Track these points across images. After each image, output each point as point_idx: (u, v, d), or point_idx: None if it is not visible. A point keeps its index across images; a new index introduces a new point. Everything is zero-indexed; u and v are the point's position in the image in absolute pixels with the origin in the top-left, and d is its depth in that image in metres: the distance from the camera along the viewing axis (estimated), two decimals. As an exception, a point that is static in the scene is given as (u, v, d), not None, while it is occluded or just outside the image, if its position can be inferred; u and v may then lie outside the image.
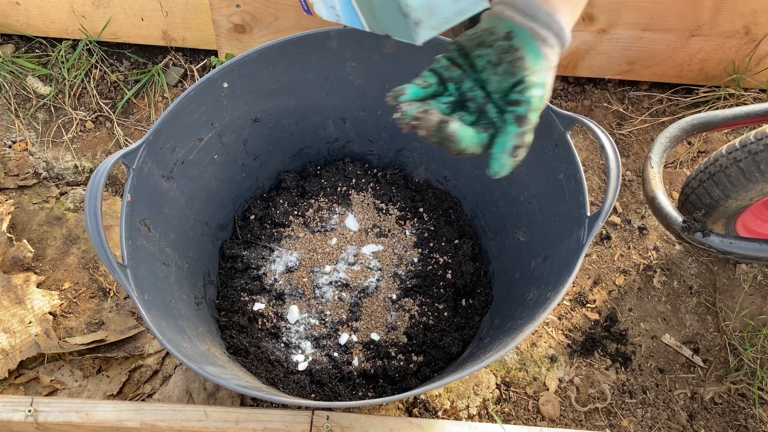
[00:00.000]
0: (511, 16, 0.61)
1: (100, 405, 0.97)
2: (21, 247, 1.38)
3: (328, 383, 1.09)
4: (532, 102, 0.60)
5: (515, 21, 0.60)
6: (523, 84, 0.60)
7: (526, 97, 0.60)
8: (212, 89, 1.05)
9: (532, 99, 0.60)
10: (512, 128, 0.61)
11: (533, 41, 0.60)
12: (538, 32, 0.60)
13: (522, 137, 0.62)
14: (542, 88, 0.61)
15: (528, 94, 0.60)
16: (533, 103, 0.60)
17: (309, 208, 1.31)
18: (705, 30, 1.54)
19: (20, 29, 1.68)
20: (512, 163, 0.63)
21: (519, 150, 0.62)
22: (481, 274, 1.23)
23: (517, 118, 0.61)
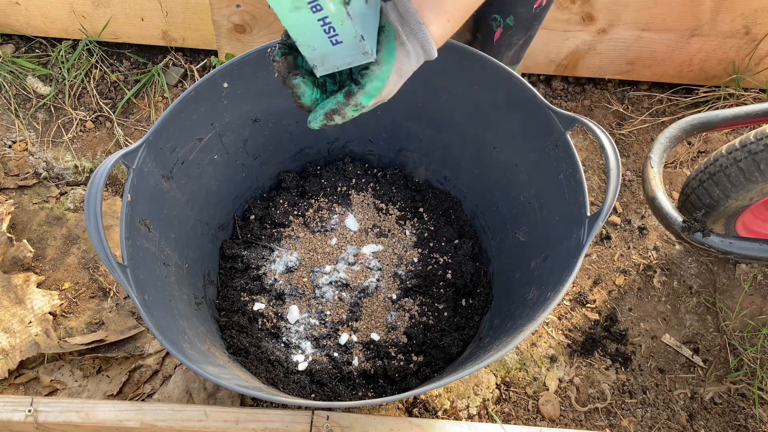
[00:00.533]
0: (389, 14, 0.69)
1: (100, 405, 0.97)
2: (21, 247, 1.38)
3: (328, 383, 1.09)
4: (365, 86, 0.70)
5: (390, 20, 0.69)
6: (367, 70, 0.70)
7: (363, 81, 0.70)
8: (212, 89, 1.05)
9: (366, 84, 0.70)
10: (339, 96, 0.71)
11: (393, 41, 0.69)
12: (401, 36, 0.69)
13: (342, 107, 0.71)
14: (381, 81, 0.70)
15: (365, 79, 0.70)
16: (365, 88, 0.70)
17: (309, 208, 1.31)
18: (705, 30, 1.54)
19: (20, 29, 1.68)
20: (323, 121, 0.73)
21: (334, 115, 0.72)
22: (481, 274, 1.23)
23: (348, 92, 0.71)
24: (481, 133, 1.17)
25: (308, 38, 0.66)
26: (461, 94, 1.12)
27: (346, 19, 0.63)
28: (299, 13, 0.62)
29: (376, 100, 0.72)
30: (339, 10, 0.61)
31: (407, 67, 0.71)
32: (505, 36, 1.07)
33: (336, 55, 0.68)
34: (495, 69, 1.02)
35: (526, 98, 1.02)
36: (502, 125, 1.11)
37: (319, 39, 0.66)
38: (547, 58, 1.63)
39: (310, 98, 0.73)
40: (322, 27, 0.64)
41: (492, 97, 1.08)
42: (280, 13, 0.63)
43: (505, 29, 1.06)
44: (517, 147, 1.11)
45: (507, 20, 1.04)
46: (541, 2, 1.03)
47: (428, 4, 0.69)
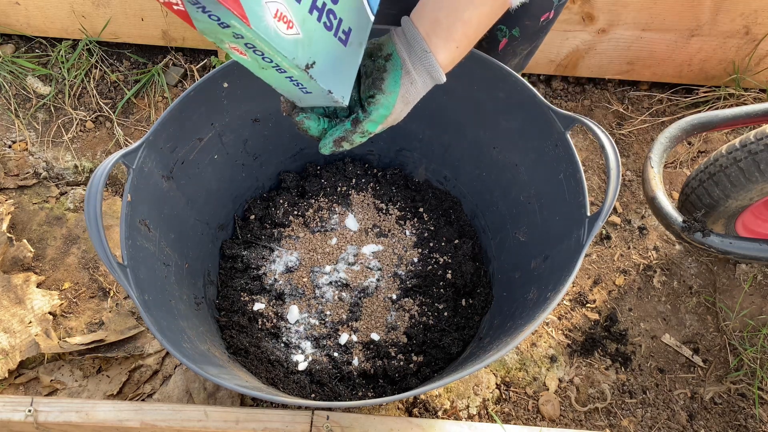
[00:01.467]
0: (396, 42, 0.71)
1: (100, 405, 0.97)
2: (21, 247, 1.38)
3: (328, 383, 1.09)
4: (371, 114, 0.71)
5: (396, 48, 0.71)
6: (373, 99, 0.71)
7: (369, 109, 0.71)
8: (212, 89, 1.05)
9: (372, 113, 0.71)
10: (347, 124, 0.74)
11: (399, 70, 0.70)
12: (407, 65, 0.70)
13: (349, 134, 0.73)
14: (386, 109, 0.71)
15: (371, 108, 0.71)
16: (371, 115, 0.71)
17: (309, 208, 1.32)
18: (705, 30, 1.54)
19: (20, 29, 1.68)
20: (332, 148, 0.75)
21: (342, 142, 0.74)
22: (481, 274, 1.23)
23: (354, 120, 0.73)
24: (481, 133, 1.17)
25: (281, 88, 0.70)
26: (461, 93, 1.12)
27: (310, 80, 0.65)
28: (267, 71, 0.65)
29: (382, 126, 0.73)
30: (301, 73, 0.64)
31: (413, 95, 0.73)
32: (510, 46, 1.07)
33: (310, 99, 0.71)
34: (495, 69, 1.02)
35: (526, 98, 1.02)
36: (502, 125, 1.11)
37: (291, 89, 0.69)
38: (547, 58, 1.63)
39: (317, 130, 0.76)
40: (290, 82, 0.67)
41: (492, 97, 1.08)
42: (250, 69, 0.67)
43: (510, 39, 1.05)
44: (517, 147, 1.11)
45: (513, 31, 1.03)
46: (548, 15, 1.03)
47: (436, 32, 0.70)
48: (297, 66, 0.63)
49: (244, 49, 0.62)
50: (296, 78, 0.66)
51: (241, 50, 0.62)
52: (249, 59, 0.64)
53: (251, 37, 0.58)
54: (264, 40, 0.59)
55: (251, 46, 0.60)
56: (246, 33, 0.58)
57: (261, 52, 0.61)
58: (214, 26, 0.58)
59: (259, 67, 0.65)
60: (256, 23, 0.57)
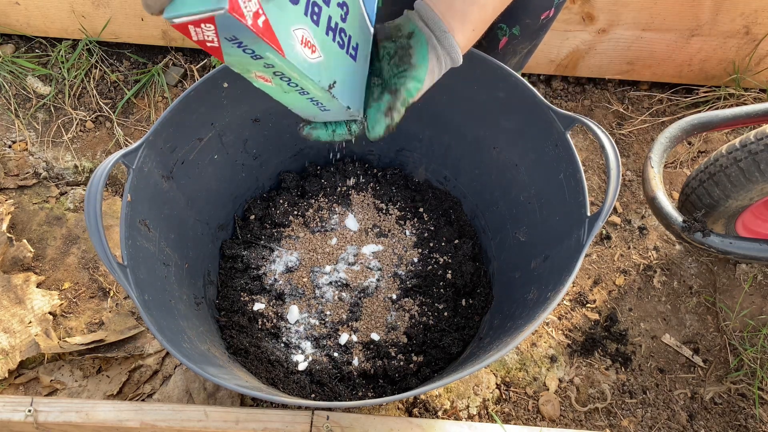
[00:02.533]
0: (418, 20, 0.72)
1: (100, 405, 0.97)
2: (21, 247, 1.38)
3: (328, 383, 1.09)
4: (405, 84, 0.71)
5: (419, 26, 0.72)
6: (405, 74, 0.71)
7: (402, 80, 0.72)
8: (212, 89, 1.05)
9: (407, 83, 0.71)
10: (387, 96, 0.73)
11: (426, 46, 0.71)
12: (433, 40, 0.71)
13: (394, 103, 0.73)
14: (418, 82, 0.71)
15: (404, 79, 0.71)
16: (406, 85, 0.71)
17: (309, 208, 1.31)
18: (705, 30, 1.54)
19: (20, 29, 1.68)
20: (385, 122, 0.74)
21: (392, 112, 0.73)
22: (481, 274, 1.23)
23: (392, 90, 0.73)
24: (481, 133, 1.17)
25: (299, 108, 0.73)
26: (461, 93, 1.12)
27: (331, 99, 0.68)
28: (289, 95, 0.68)
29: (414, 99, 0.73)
30: (324, 94, 0.67)
31: (437, 73, 0.73)
32: (510, 44, 1.07)
33: (326, 116, 0.74)
34: (495, 69, 1.02)
35: (526, 98, 1.02)
36: (502, 125, 1.11)
37: (309, 108, 0.72)
38: (547, 58, 1.63)
39: (328, 135, 0.79)
40: (310, 102, 0.70)
41: (492, 97, 1.08)
42: (271, 94, 0.69)
43: (510, 38, 1.05)
44: (517, 147, 1.11)
45: (513, 30, 1.03)
46: (548, 13, 1.03)
47: (452, 14, 0.71)
48: (322, 88, 0.65)
49: (270, 76, 0.63)
50: (317, 98, 0.68)
51: (267, 78, 0.64)
52: (273, 85, 0.66)
53: (282, 66, 0.60)
54: (295, 68, 0.61)
55: (279, 73, 0.62)
56: (278, 63, 0.59)
57: (288, 78, 0.63)
58: (245, 59, 0.59)
59: (281, 91, 0.67)
60: (289, 53, 0.59)
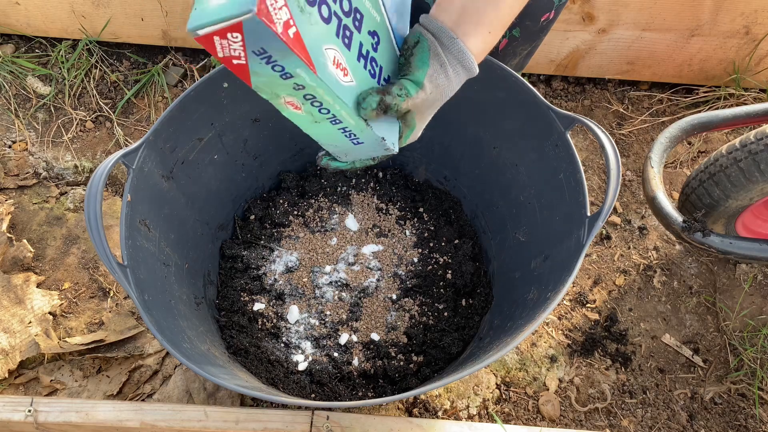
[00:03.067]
0: (422, 31, 0.69)
1: (100, 405, 0.97)
2: (21, 247, 1.38)
3: (328, 383, 1.09)
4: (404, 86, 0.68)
5: (423, 33, 0.69)
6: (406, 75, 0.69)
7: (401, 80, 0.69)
8: (212, 89, 1.05)
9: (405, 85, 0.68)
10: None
11: (427, 51, 0.68)
12: (436, 47, 0.68)
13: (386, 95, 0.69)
14: (416, 85, 0.68)
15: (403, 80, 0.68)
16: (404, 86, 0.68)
17: (309, 208, 1.31)
18: (705, 30, 1.54)
19: (20, 29, 1.68)
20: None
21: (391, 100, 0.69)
22: (481, 274, 1.23)
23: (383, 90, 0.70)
24: (481, 133, 1.17)
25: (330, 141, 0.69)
26: (462, 93, 1.11)
27: (366, 128, 0.64)
28: (320, 125, 0.64)
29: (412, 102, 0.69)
30: (358, 122, 0.63)
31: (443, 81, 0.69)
32: (510, 46, 1.07)
33: (358, 151, 0.70)
34: (495, 69, 1.02)
35: (526, 98, 1.02)
36: (502, 125, 1.11)
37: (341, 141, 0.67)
38: (547, 58, 1.63)
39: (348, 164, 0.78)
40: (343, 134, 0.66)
41: (492, 97, 1.08)
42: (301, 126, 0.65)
43: (510, 40, 1.05)
44: (517, 147, 1.11)
45: (513, 32, 1.03)
46: (548, 15, 1.03)
47: (465, 17, 0.67)
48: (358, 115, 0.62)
49: (300, 102, 0.60)
50: (350, 128, 0.65)
51: (297, 104, 0.61)
52: (303, 113, 0.62)
53: (314, 87, 0.57)
54: (327, 87, 0.57)
55: (310, 97, 0.59)
56: (309, 82, 0.56)
57: (320, 103, 0.60)
58: (274, 79, 0.56)
59: (312, 121, 0.64)
60: (321, 71, 0.56)
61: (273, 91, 0.59)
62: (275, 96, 0.60)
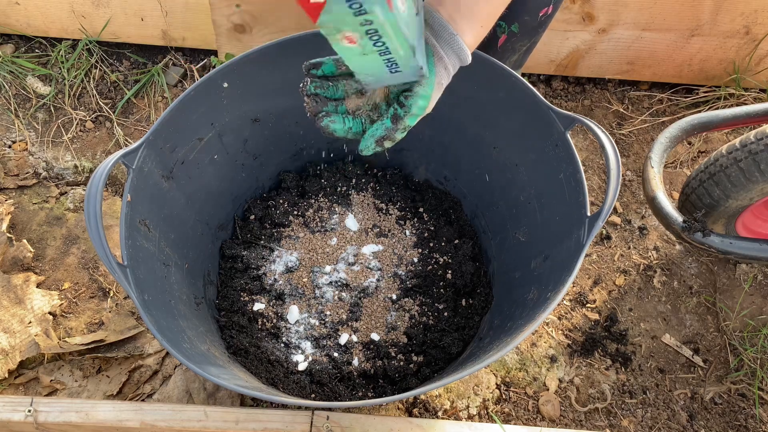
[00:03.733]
0: None
1: (100, 405, 0.97)
2: (21, 247, 1.38)
3: (328, 383, 1.09)
4: (411, 108, 0.71)
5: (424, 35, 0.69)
6: (411, 92, 0.70)
7: (409, 103, 0.71)
8: (212, 89, 1.05)
9: (413, 106, 0.71)
10: (387, 122, 0.73)
11: (431, 57, 0.69)
12: (438, 50, 0.70)
13: (391, 132, 0.73)
14: (425, 99, 0.71)
15: (410, 101, 0.70)
16: (412, 109, 0.71)
17: (309, 208, 1.31)
18: (705, 30, 1.54)
19: (20, 29, 1.68)
20: (375, 148, 0.74)
21: (385, 141, 0.73)
22: (481, 274, 1.23)
23: (394, 116, 0.72)
24: (481, 133, 1.17)
25: (369, 70, 0.68)
26: (462, 93, 1.12)
27: (411, 58, 0.64)
28: (368, 56, 0.64)
29: (421, 118, 0.73)
30: (407, 52, 0.63)
31: (445, 80, 0.72)
32: (509, 42, 1.07)
33: (393, 79, 0.69)
34: (495, 69, 1.02)
35: (527, 98, 1.02)
36: (502, 125, 1.11)
37: (380, 70, 0.67)
38: (547, 57, 1.63)
39: (344, 131, 0.76)
40: (386, 64, 0.65)
41: (492, 97, 1.08)
42: (345, 57, 0.64)
43: (509, 36, 1.06)
44: (517, 147, 1.11)
45: (512, 27, 1.04)
46: (546, 10, 1.03)
47: (460, 12, 0.70)
48: (411, 46, 0.62)
49: (360, 36, 0.59)
50: (397, 59, 0.64)
51: (355, 38, 0.60)
52: (356, 46, 0.61)
53: (384, 22, 0.57)
54: (396, 24, 0.57)
55: (373, 31, 0.58)
56: (381, 18, 0.56)
57: (379, 36, 0.59)
58: (346, 16, 0.55)
59: (360, 53, 0.63)
60: (395, 5, 0.56)
61: (338, 26, 0.58)
62: (337, 31, 0.59)
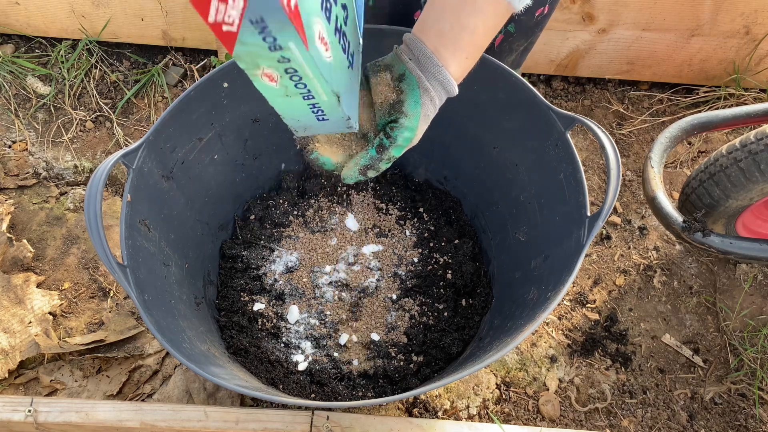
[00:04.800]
0: (407, 61, 0.70)
1: (100, 405, 0.97)
2: (21, 247, 1.38)
3: (328, 383, 1.09)
4: (396, 139, 0.70)
5: (408, 67, 0.69)
6: (396, 123, 0.70)
7: (394, 134, 0.70)
8: (212, 89, 1.05)
9: (398, 138, 0.70)
10: (372, 151, 0.72)
11: (417, 89, 0.69)
12: (424, 82, 0.69)
13: (376, 162, 0.72)
14: (411, 131, 0.70)
15: (396, 132, 0.70)
16: (397, 141, 0.70)
17: (309, 208, 1.31)
18: (705, 30, 1.54)
19: (20, 29, 1.68)
20: (358, 177, 0.74)
21: (369, 170, 0.73)
22: (481, 274, 1.23)
23: (379, 146, 0.72)
24: (481, 132, 1.17)
25: (295, 115, 0.66)
26: (462, 93, 1.11)
27: (336, 106, 0.63)
28: (291, 99, 0.61)
29: (407, 149, 0.72)
30: (331, 99, 0.61)
31: (431, 112, 0.72)
32: (506, 42, 1.07)
33: (320, 127, 0.68)
34: (495, 69, 1.02)
35: (526, 98, 1.02)
36: (502, 125, 1.11)
37: (306, 116, 0.66)
38: (547, 57, 1.63)
39: (333, 164, 0.76)
40: (311, 110, 0.64)
41: (492, 97, 1.08)
42: (268, 97, 0.62)
43: (506, 35, 1.05)
44: (517, 147, 1.11)
45: (508, 27, 1.03)
46: (542, 10, 1.03)
47: (444, 44, 0.68)
48: (332, 92, 0.60)
49: (280, 74, 0.57)
50: (321, 105, 0.63)
51: (275, 76, 0.57)
52: (277, 86, 0.59)
53: (301, 62, 0.54)
54: (314, 63, 0.55)
55: (292, 71, 0.56)
56: (298, 57, 0.53)
57: (299, 77, 0.57)
58: (260, 50, 0.53)
59: (283, 94, 0.61)
60: (312, 46, 0.53)
61: (254, 61, 0.55)
62: (255, 66, 0.56)
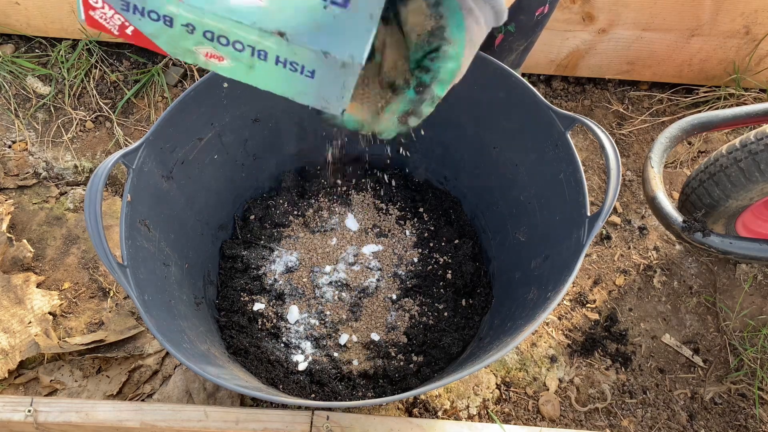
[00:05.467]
0: None
1: (99, 405, 0.97)
2: (21, 247, 1.38)
3: (328, 383, 1.09)
4: (439, 72, 0.57)
5: None
6: (437, 53, 0.57)
7: (435, 66, 0.57)
8: (212, 89, 1.05)
9: (440, 69, 0.57)
10: (410, 93, 0.59)
11: (458, 11, 0.55)
12: (467, 2, 0.55)
13: (417, 105, 0.60)
14: (455, 61, 0.57)
15: (437, 63, 0.57)
16: (440, 74, 0.57)
17: (309, 208, 1.31)
18: (705, 30, 1.54)
19: (20, 29, 1.68)
20: (399, 128, 0.62)
21: (410, 117, 0.61)
22: (481, 274, 1.23)
23: (419, 85, 0.59)
24: (481, 133, 1.17)
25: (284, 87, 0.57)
26: (461, 93, 1.11)
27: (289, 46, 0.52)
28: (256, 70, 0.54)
29: (452, 84, 0.59)
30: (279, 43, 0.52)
31: (478, 37, 0.58)
32: (506, 42, 1.07)
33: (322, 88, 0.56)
34: (495, 69, 1.02)
35: (526, 98, 1.02)
36: (502, 125, 1.11)
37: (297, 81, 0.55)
38: (547, 57, 1.63)
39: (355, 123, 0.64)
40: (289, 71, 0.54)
41: (492, 97, 1.08)
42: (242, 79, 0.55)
43: (506, 35, 1.05)
44: (517, 147, 1.11)
45: (509, 27, 1.03)
46: (542, 10, 1.03)
47: None
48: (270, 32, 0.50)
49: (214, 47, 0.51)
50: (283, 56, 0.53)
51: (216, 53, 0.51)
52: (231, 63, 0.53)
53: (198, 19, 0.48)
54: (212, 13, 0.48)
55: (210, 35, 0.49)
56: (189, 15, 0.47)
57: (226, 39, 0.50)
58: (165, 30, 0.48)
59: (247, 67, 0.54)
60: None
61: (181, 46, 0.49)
62: (189, 53, 0.51)
